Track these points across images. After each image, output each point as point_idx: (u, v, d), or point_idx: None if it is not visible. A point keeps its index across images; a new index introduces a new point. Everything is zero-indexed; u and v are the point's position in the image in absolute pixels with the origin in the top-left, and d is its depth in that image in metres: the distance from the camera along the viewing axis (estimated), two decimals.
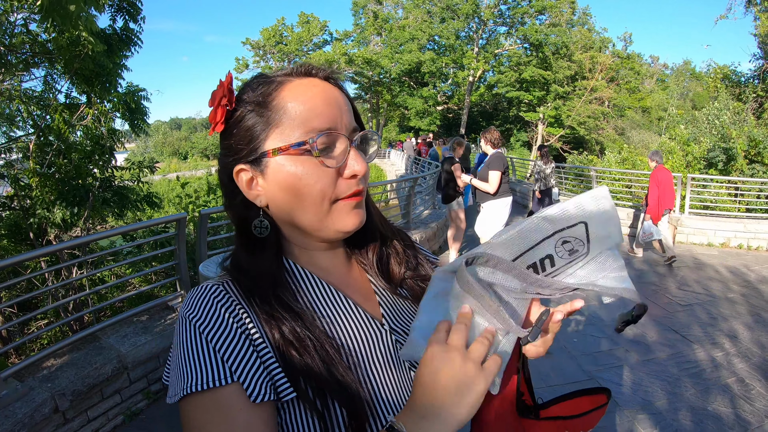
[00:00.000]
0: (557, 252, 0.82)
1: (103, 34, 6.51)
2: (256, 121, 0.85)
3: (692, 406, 4.03)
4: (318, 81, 0.87)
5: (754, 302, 6.42)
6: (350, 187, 0.86)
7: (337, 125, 0.84)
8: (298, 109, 0.83)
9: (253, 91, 0.86)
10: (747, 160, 13.36)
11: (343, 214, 0.87)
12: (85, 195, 6.20)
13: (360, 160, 0.86)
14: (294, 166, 0.83)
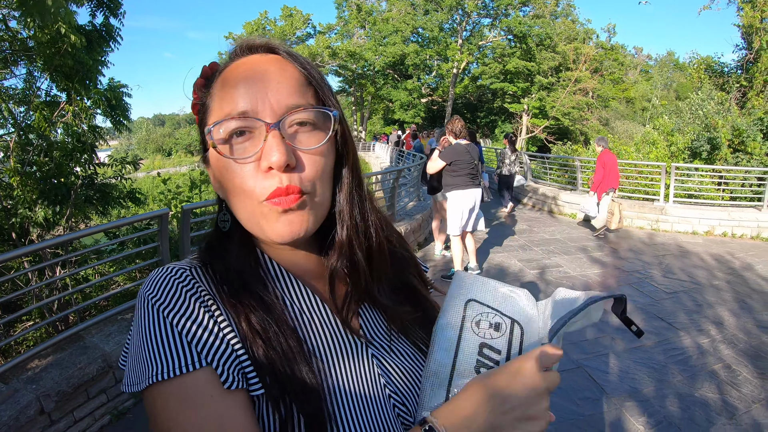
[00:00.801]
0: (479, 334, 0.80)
1: (83, 30, 6.43)
2: (203, 113, 0.79)
3: (679, 392, 4.07)
4: (256, 57, 0.77)
5: (738, 289, 6.49)
6: (271, 184, 0.70)
7: (257, 105, 0.71)
8: (221, 94, 0.75)
9: (208, 82, 0.80)
10: (731, 149, 13.47)
11: (271, 221, 0.73)
12: (67, 193, 6.14)
13: (278, 149, 0.69)
14: (217, 160, 0.75)
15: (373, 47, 43.36)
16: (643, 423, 3.67)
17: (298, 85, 0.75)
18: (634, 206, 10.71)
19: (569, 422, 3.69)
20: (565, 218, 11.80)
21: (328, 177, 0.79)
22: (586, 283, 6.74)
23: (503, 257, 8.13)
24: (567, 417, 3.75)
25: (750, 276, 7.07)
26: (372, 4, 46.45)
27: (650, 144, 15.83)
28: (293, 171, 0.72)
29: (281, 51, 0.79)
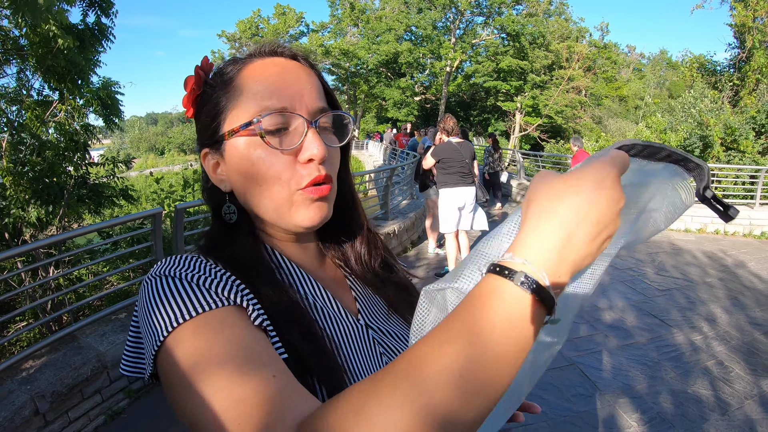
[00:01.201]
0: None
1: (75, 29, 6.40)
2: (218, 103, 0.81)
3: (672, 389, 4.10)
4: (282, 60, 0.83)
5: (731, 286, 6.54)
6: (310, 173, 0.77)
7: (294, 105, 0.77)
8: (254, 88, 0.78)
9: (218, 74, 0.84)
10: (723, 147, 13.54)
11: (302, 208, 0.79)
12: (59, 193, 6.12)
13: (318, 143, 0.76)
14: (246, 149, 0.78)
15: (367, 45, 43.31)
16: (637, 419, 3.69)
17: (321, 91, 0.84)
18: None
19: (562, 419, 3.71)
20: None
21: (337, 170, 0.87)
22: None
23: None
24: (560, 414, 3.77)
25: (742, 273, 7.11)
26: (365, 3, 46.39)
27: None
28: (324, 163, 0.79)
29: (303, 59, 0.86)
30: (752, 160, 12.83)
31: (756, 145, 13.07)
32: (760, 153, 13.20)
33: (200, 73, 0.84)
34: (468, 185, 6.61)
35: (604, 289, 6.46)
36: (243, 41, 43.35)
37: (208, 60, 0.87)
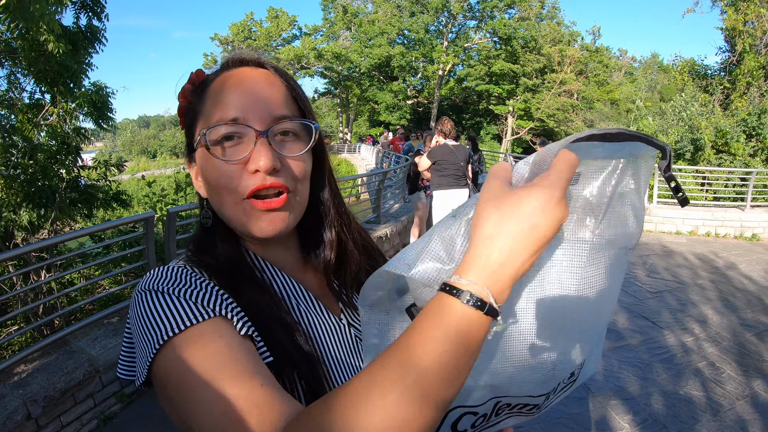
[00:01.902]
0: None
1: (68, 32, 6.38)
2: (193, 115, 0.86)
3: (664, 390, 4.11)
4: (247, 69, 0.84)
5: (722, 288, 6.57)
6: (254, 182, 0.78)
7: (248, 115, 0.78)
8: (215, 100, 0.81)
9: (197, 86, 0.87)
10: (714, 150, 13.61)
11: (253, 218, 0.80)
12: (51, 196, 6.09)
13: (266, 154, 0.76)
14: (203, 159, 0.82)
15: (359, 49, 43.36)
16: (629, 421, 3.71)
17: (284, 98, 0.84)
18: None
19: (555, 421, 3.72)
20: None
21: (307, 179, 0.87)
22: None
23: None
24: (553, 416, 3.77)
25: (733, 275, 7.15)
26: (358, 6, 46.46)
27: None
28: (278, 174, 0.79)
29: (270, 66, 0.86)
30: (743, 162, 12.90)
31: (747, 147, 13.14)
32: (751, 155, 13.27)
33: (187, 86, 0.88)
34: (462, 187, 6.64)
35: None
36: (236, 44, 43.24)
37: (201, 73, 0.89)
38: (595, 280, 0.66)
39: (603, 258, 0.66)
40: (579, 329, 0.71)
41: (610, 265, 0.67)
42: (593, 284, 0.66)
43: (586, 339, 0.74)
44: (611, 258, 0.67)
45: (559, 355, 0.69)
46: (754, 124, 13.38)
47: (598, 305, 0.68)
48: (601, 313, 0.72)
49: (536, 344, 0.67)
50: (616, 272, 0.69)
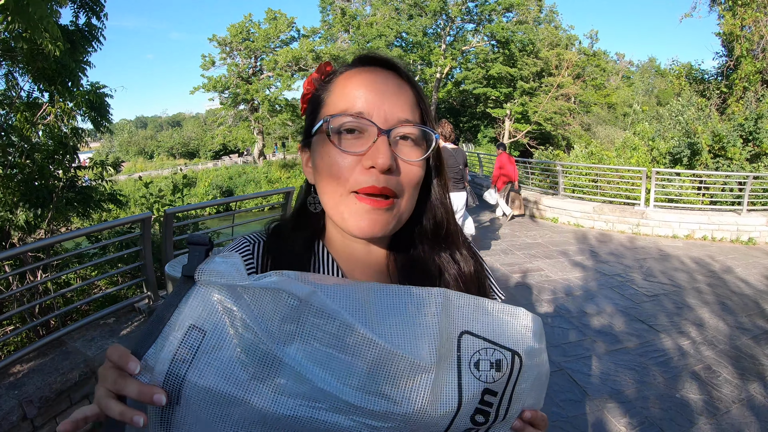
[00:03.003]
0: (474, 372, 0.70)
1: (66, 30, 6.38)
2: (316, 105, 0.89)
3: (661, 393, 4.12)
4: (378, 69, 0.86)
5: (719, 291, 6.58)
6: (367, 180, 0.78)
7: (372, 112, 0.80)
8: (343, 92, 0.83)
9: (325, 77, 0.91)
10: (711, 154, 13.65)
11: (354, 214, 0.80)
12: (48, 196, 6.08)
13: (384, 153, 0.77)
14: (321, 145, 0.83)
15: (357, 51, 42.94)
16: (625, 424, 3.71)
17: (410, 103, 0.85)
18: (615, 210, 10.81)
19: (552, 424, 3.72)
20: (547, 222, 11.88)
21: (418, 187, 0.87)
22: (567, 286, 6.79)
23: (485, 261, 8.16)
24: (549, 419, 3.76)
25: (730, 278, 7.16)
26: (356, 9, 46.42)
27: (631, 149, 15.99)
28: (390, 175, 0.79)
29: (403, 71, 0.88)
30: (740, 167, 12.94)
31: (743, 152, 13.18)
32: (748, 160, 13.31)
33: (315, 74, 0.92)
34: (460, 191, 6.65)
35: (593, 295, 6.49)
36: (234, 45, 43.17)
37: (329, 64, 0.93)
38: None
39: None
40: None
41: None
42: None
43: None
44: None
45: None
46: (751, 128, 13.43)
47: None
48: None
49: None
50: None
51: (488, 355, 0.71)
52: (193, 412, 0.61)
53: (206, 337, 0.61)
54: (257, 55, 43.50)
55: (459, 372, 0.69)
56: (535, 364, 0.75)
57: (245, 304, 0.63)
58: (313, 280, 0.69)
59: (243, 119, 44.70)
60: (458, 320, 0.72)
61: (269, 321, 0.63)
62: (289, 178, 39.95)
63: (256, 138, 45.30)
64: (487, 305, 0.74)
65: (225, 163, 48.71)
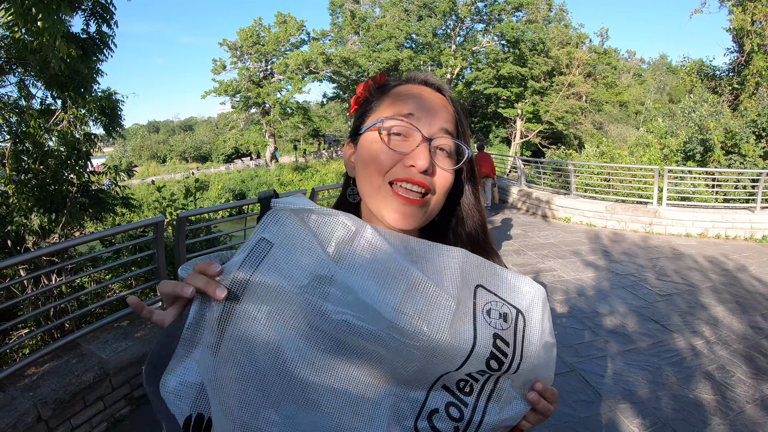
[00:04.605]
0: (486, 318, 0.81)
1: (78, 38, 6.44)
2: (369, 107, 1.01)
3: (674, 394, 4.10)
4: (427, 88, 1.00)
5: (732, 291, 6.53)
6: (405, 173, 0.88)
7: (420, 116, 0.91)
8: (396, 100, 0.95)
9: (381, 86, 1.03)
10: (724, 151, 13.54)
11: (390, 204, 0.90)
12: (62, 201, 6.14)
13: (426, 156, 0.87)
14: (369, 141, 0.94)
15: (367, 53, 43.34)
16: (638, 425, 3.70)
17: (452, 120, 0.97)
18: (628, 210, 10.76)
19: (564, 425, 3.71)
20: (559, 222, 11.83)
21: (447, 192, 0.96)
22: (580, 286, 6.76)
23: None
24: (561, 420, 3.77)
25: (744, 277, 7.11)
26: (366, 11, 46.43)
27: (644, 147, 15.89)
28: (426, 175, 0.90)
29: (447, 94, 1.03)
30: (753, 163, 12.83)
31: (757, 148, 13.07)
32: (761, 156, 13.20)
33: (370, 82, 1.04)
34: None
35: (605, 294, 6.46)
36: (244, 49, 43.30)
37: (384, 75, 1.06)
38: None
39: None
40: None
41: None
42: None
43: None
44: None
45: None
46: (764, 125, 13.32)
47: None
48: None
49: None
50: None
51: (497, 306, 0.82)
52: (247, 323, 0.69)
53: (273, 248, 0.71)
54: (268, 58, 43.61)
55: (474, 315, 0.79)
56: (537, 325, 0.85)
57: (309, 226, 0.75)
58: (362, 220, 0.82)
59: (255, 122, 44.81)
60: (475, 275, 0.85)
61: (327, 241, 0.75)
62: (302, 181, 40.02)
63: (267, 141, 45.40)
64: (498, 270, 0.89)
65: (237, 166, 48.90)
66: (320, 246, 0.73)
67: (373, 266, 0.73)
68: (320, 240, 0.74)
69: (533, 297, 0.88)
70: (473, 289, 0.82)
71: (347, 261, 0.73)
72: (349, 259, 0.73)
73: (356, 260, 0.74)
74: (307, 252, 0.72)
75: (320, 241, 0.74)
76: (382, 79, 1.05)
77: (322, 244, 0.74)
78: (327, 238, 0.75)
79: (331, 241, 0.75)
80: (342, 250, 0.74)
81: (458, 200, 1.05)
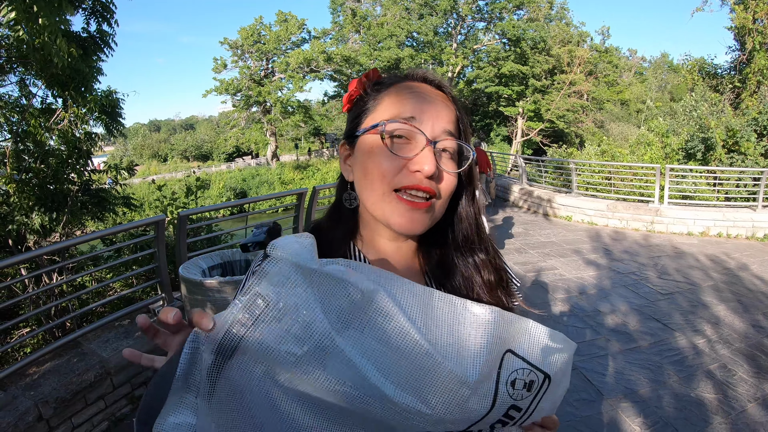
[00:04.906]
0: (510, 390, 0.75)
1: (78, 37, 6.44)
2: (365, 106, 0.95)
3: (676, 393, 4.09)
4: (427, 86, 0.94)
5: (734, 289, 6.52)
6: (411, 180, 0.85)
7: (422, 119, 0.87)
8: (395, 100, 0.90)
9: (376, 84, 0.97)
10: (725, 149, 13.54)
11: (396, 210, 0.87)
12: (63, 200, 6.14)
13: (431, 161, 0.84)
14: (369, 145, 0.89)
15: (368, 52, 43.32)
16: (640, 423, 3.69)
17: (454, 120, 0.93)
18: (629, 208, 10.75)
19: (566, 424, 3.71)
20: (560, 221, 11.82)
21: (451, 195, 0.93)
22: (581, 285, 6.76)
23: None
24: (563, 419, 3.77)
25: (745, 276, 7.10)
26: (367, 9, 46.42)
27: (645, 145, 15.88)
28: (431, 180, 0.86)
29: (448, 91, 0.97)
30: (754, 162, 12.83)
31: (758, 147, 13.06)
32: (763, 155, 13.19)
33: (364, 78, 0.99)
34: None
35: (607, 293, 6.46)
36: (245, 48, 43.29)
37: (377, 71, 1.00)
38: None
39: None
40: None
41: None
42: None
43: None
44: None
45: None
46: (765, 123, 13.31)
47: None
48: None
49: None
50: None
51: (524, 375, 0.75)
52: (240, 374, 0.64)
53: (268, 308, 0.64)
54: (269, 57, 43.59)
55: (496, 387, 0.74)
56: (560, 385, 0.80)
57: (311, 285, 0.66)
58: (378, 276, 0.73)
59: (256, 121, 44.81)
60: (506, 337, 0.76)
61: (330, 305, 0.67)
62: (303, 180, 40.06)
63: (268, 140, 45.41)
64: (531, 328, 0.78)
65: (238, 165, 48.92)
66: (323, 312, 0.66)
67: (381, 340, 0.68)
68: (324, 304, 0.67)
69: (565, 360, 0.79)
70: (501, 356, 0.75)
71: (350, 332, 0.67)
72: (353, 329, 0.68)
73: (361, 331, 0.68)
74: (307, 317, 0.65)
75: (324, 305, 0.66)
76: (375, 75, 1.00)
77: (325, 309, 0.66)
78: (331, 303, 0.67)
79: (334, 306, 0.68)
80: (348, 318, 0.68)
81: (456, 200, 1.00)
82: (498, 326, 0.75)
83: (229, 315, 0.64)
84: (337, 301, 0.68)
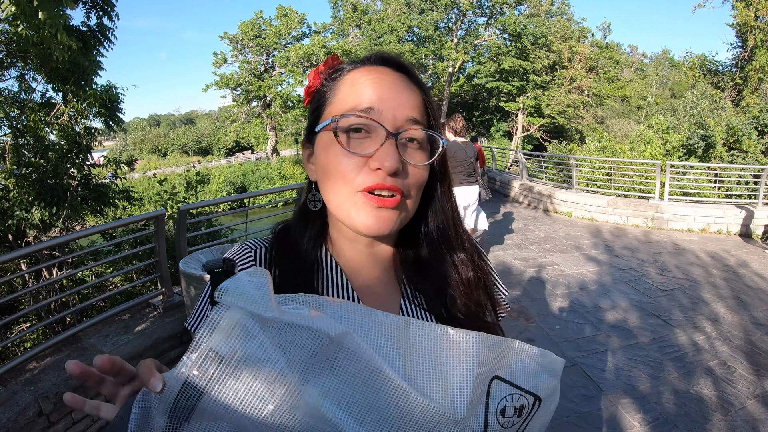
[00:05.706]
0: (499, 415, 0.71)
1: (78, 31, 6.43)
2: (321, 100, 0.87)
3: (675, 389, 4.09)
4: (387, 69, 0.85)
5: (734, 286, 6.52)
6: (374, 179, 0.77)
7: (381, 111, 0.79)
8: (351, 90, 0.82)
9: (332, 73, 0.89)
10: (726, 147, 13.53)
11: (363, 213, 0.79)
12: (63, 194, 6.14)
13: (392, 156, 0.76)
14: (326, 144, 0.82)
15: (369, 47, 43.19)
16: (639, 419, 3.69)
17: (419, 105, 0.84)
18: (630, 204, 10.74)
19: (565, 420, 3.71)
20: (560, 216, 11.82)
21: (421, 189, 0.86)
22: (581, 281, 6.76)
23: (499, 256, 8.15)
24: (563, 414, 3.77)
25: (745, 273, 7.10)
26: (367, 4, 46.30)
27: (645, 142, 15.88)
28: (397, 177, 0.79)
29: (412, 73, 0.88)
30: (755, 159, 12.82)
31: (759, 144, 13.05)
32: (763, 152, 13.18)
33: (322, 67, 0.91)
34: (472, 184, 6.63)
35: (607, 289, 6.46)
36: (245, 43, 43.22)
37: (337, 58, 0.91)
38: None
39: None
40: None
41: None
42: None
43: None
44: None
45: None
46: (766, 120, 13.28)
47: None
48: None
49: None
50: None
51: (514, 401, 0.72)
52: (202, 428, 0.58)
53: (223, 363, 0.56)
54: (269, 51, 43.54)
55: (486, 419, 0.70)
56: (550, 404, 0.77)
57: (269, 334, 0.58)
58: (347, 312, 0.67)
59: (256, 116, 44.78)
60: (491, 365, 0.72)
61: (294, 356, 0.59)
62: (303, 174, 40.00)
63: (269, 134, 45.38)
64: (517, 348, 0.75)
65: (238, 159, 48.90)
66: (287, 364, 0.58)
67: (356, 388, 0.61)
68: (287, 354, 0.58)
69: (555, 379, 0.78)
70: (488, 384, 0.71)
71: (324, 381, 0.60)
72: (325, 377, 0.60)
73: (332, 378, 0.61)
74: (269, 372, 0.57)
75: (288, 356, 0.58)
76: (334, 62, 0.91)
77: (289, 360, 0.58)
78: (295, 353, 0.59)
79: (298, 354, 0.59)
80: (316, 368, 0.60)
81: (430, 192, 0.92)
82: (482, 353, 0.71)
83: (180, 374, 0.56)
84: (302, 350, 0.59)
